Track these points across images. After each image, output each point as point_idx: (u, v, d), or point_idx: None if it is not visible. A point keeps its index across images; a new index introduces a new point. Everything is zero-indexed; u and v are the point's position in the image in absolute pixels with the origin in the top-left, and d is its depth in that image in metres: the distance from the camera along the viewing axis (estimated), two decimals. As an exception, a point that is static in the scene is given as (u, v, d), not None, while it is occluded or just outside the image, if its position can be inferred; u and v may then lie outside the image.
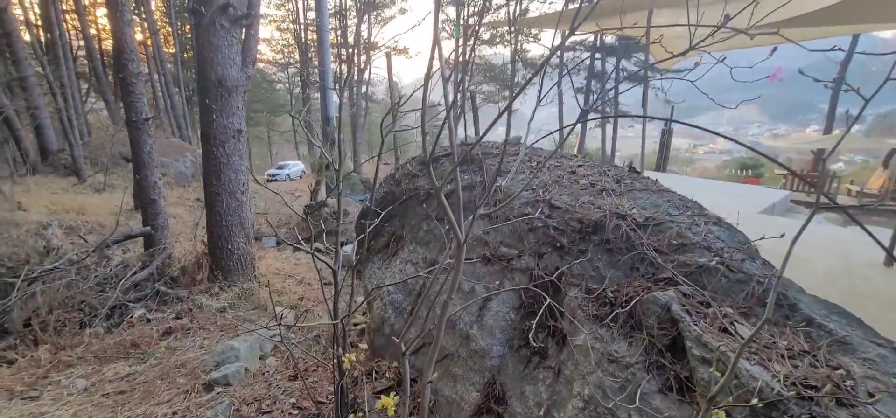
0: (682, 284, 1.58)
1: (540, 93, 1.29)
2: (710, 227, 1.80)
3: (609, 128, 21.21)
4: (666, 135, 9.52)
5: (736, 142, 1.19)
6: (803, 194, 9.91)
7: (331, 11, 20.38)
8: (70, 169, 9.17)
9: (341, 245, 5.67)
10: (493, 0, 20.47)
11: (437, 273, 1.33)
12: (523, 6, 19.87)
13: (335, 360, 1.81)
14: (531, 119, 1.40)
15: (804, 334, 1.35)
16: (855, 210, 8.29)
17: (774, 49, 1.20)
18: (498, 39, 22.77)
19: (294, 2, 22.91)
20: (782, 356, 1.28)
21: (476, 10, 22.68)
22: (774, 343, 1.32)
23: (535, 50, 22.46)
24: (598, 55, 19.95)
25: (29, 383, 2.34)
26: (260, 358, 2.73)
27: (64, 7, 14.11)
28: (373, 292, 2.61)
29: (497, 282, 2.10)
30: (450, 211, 1.13)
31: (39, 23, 13.72)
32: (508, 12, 22.99)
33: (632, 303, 1.59)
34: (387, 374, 2.31)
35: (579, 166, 2.53)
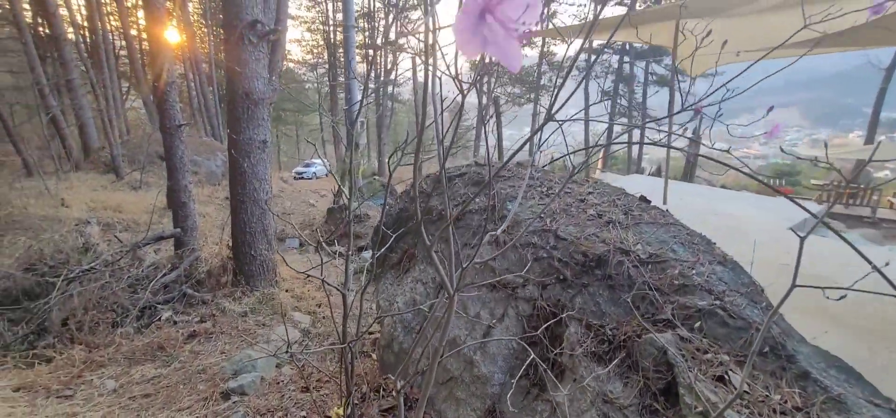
0: (681, 327, 1.59)
1: (546, 94, 1.33)
2: (714, 267, 1.79)
3: (635, 133, 20.79)
4: (693, 144, 9.28)
5: (738, 169, 1.20)
6: (841, 207, 9.47)
7: (358, 13, 20.70)
8: (109, 166, 9.66)
9: (360, 249, 5.77)
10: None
11: (430, 319, 1.39)
12: (550, 9, 19.66)
13: (341, 384, 1.89)
14: (541, 129, 1.43)
15: (799, 389, 1.35)
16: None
17: (771, 108, 1.21)
18: (524, 42, 22.58)
19: (324, 3, 23.36)
20: (774, 410, 1.28)
21: (503, 11, 22.61)
22: (768, 396, 1.33)
23: (562, 51, 22.19)
24: (626, 58, 19.58)
25: (64, 382, 2.52)
26: (276, 366, 2.85)
27: (107, 9, 14.84)
28: (379, 317, 2.69)
29: (501, 310, 2.15)
30: (438, 264, 1.19)
31: (86, 24, 14.46)
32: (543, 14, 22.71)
33: (629, 343, 1.61)
34: (394, 393, 2.38)
35: (589, 193, 2.54)
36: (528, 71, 22.88)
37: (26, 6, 12.10)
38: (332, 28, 22.85)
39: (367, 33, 22.63)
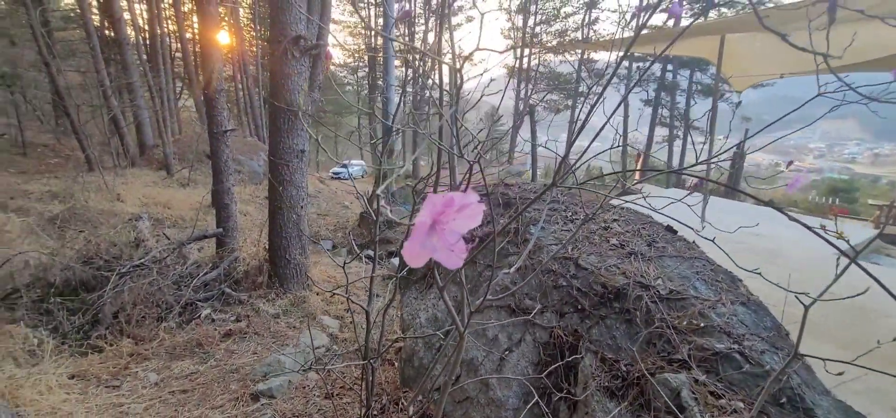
0: (696, 369, 1.58)
1: (581, 97, 1.36)
2: (735, 308, 1.76)
3: (677, 141, 20.12)
4: (737, 157, 8.91)
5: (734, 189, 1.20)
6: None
7: (400, 18, 21.06)
8: (161, 163, 10.28)
9: (390, 255, 5.88)
10: (562, 9, 20.12)
11: (444, 347, 1.45)
12: (592, 16, 19.36)
13: (362, 397, 1.98)
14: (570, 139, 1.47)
15: (815, 445, 1.32)
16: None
17: (791, 162, 1.20)
18: (563, 48, 22.37)
19: (366, 9, 23.94)
20: (786, 467, 1.26)
21: (543, 18, 22.44)
22: (780, 451, 1.30)
23: (603, 58, 21.82)
24: (669, 66, 19.00)
25: (112, 373, 2.75)
26: (303, 371, 2.99)
27: (166, 13, 15.80)
28: (396, 339, 2.77)
29: (519, 335, 2.18)
30: (449, 303, 1.24)
31: (146, 28, 15.46)
32: (583, 25, 22.46)
33: (643, 381, 1.61)
34: (413, 407, 2.45)
35: (614, 221, 2.53)
36: (566, 77, 22.59)
37: (95, 12, 13.09)
38: (373, 33, 23.38)
39: (406, 37, 23.01)
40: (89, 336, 3.16)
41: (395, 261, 6.30)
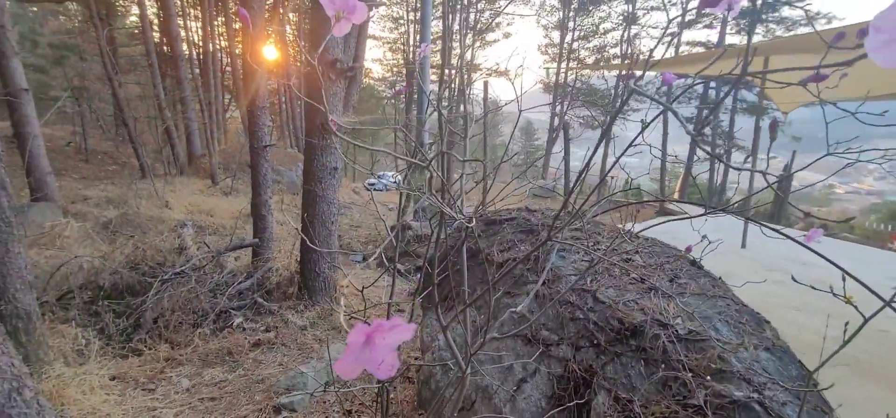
0: (712, 417, 1.52)
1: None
2: (758, 353, 1.69)
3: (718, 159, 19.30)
4: (784, 179, 8.49)
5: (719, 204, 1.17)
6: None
7: (436, 35, 21.42)
8: (207, 172, 10.85)
9: (418, 269, 5.96)
10: (601, 25, 19.89)
11: (452, 381, 1.47)
12: (632, 32, 19.02)
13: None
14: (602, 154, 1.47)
15: None
16: None
17: (807, 214, 1.16)
18: (602, 63, 22.07)
19: (406, 25, 24.55)
20: None
21: (580, 34, 22.25)
22: None
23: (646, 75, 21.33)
24: (712, 83, 18.33)
25: (149, 376, 2.92)
26: (325, 387, 3.07)
27: (219, 31, 16.76)
28: (409, 365, 2.80)
29: (533, 367, 2.17)
30: (454, 345, 1.27)
31: (199, 44, 16.47)
32: (622, 43, 22.10)
33: (656, 426, 1.57)
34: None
35: (637, 252, 2.48)
36: (603, 93, 22.22)
37: (156, 30, 14.07)
38: (411, 49, 23.90)
39: (443, 54, 23.37)
40: (131, 339, 3.38)
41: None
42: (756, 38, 18.08)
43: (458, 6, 21.91)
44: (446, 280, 3.21)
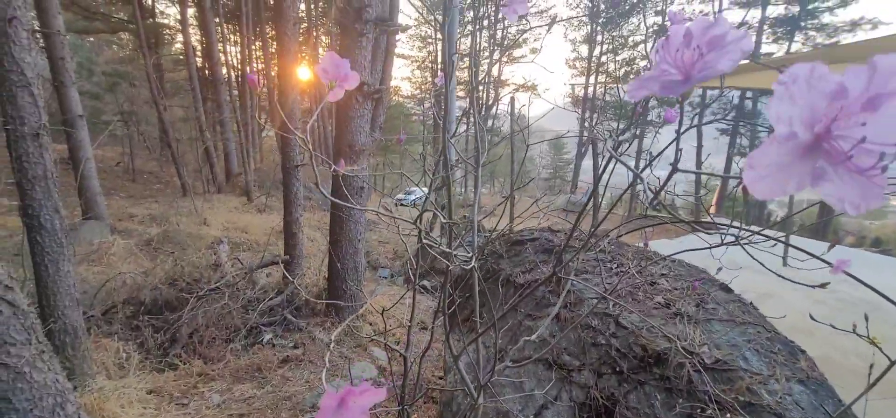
0: (740, 454, 1.46)
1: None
2: (791, 385, 1.61)
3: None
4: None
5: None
6: None
7: (465, 52, 21.64)
8: (243, 190, 11.28)
9: (443, 286, 5.90)
10: (630, 38, 19.60)
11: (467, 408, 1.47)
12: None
13: (392, 441, 2.03)
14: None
15: None
16: None
17: (835, 243, 1.11)
18: (632, 76, 21.68)
19: (434, 44, 24.96)
20: None
21: (610, 47, 21.98)
22: None
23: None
24: (748, 93, 17.68)
25: (183, 391, 3.04)
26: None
27: (256, 54, 17.54)
28: (427, 389, 2.79)
29: (555, 391, 2.13)
30: (464, 372, 1.27)
31: (237, 67, 17.28)
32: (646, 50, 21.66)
33: (680, 460, 1.52)
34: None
35: (663, 276, 2.41)
36: (630, 104, 21.79)
37: (198, 56, 14.88)
38: (439, 68, 24.28)
39: (471, 70, 23.59)
40: (168, 353, 3.53)
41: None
42: (795, 47, 17.36)
43: (486, 23, 22.11)
44: (469, 300, 3.21)
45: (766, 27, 17.16)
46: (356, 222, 4.75)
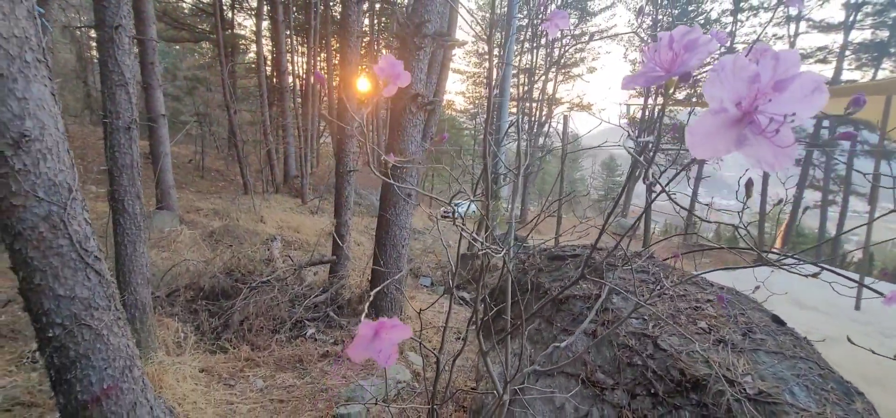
0: (778, 494, 1.38)
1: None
2: (843, 431, 1.50)
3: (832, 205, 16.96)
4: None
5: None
6: None
7: (522, 69, 21.67)
8: (298, 192, 11.87)
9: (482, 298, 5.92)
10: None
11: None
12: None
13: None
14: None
15: None
16: None
17: (888, 296, 1.04)
18: (695, 98, 20.74)
19: (489, 60, 25.21)
20: None
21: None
22: None
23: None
24: (825, 121, 16.34)
25: (230, 373, 3.25)
26: (379, 403, 3.19)
27: (320, 66, 18.50)
28: (458, 392, 2.81)
29: (586, 408, 2.09)
30: (491, 368, 1.30)
31: (302, 76, 18.29)
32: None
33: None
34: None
35: (708, 301, 2.31)
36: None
37: (268, 64, 15.92)
38: (493, 84, 24.47)
39: (525, 87, 23.55)
40: (220, 337, 3.79)
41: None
42: (882, 73, 15.92)
43: (544, 41, 22.05)
44: (505, 309, 3.21)
45: (848, 52, 15.86)
46: (401, 227, 4.89)
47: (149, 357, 3.02)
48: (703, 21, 20.03)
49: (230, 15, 17.49)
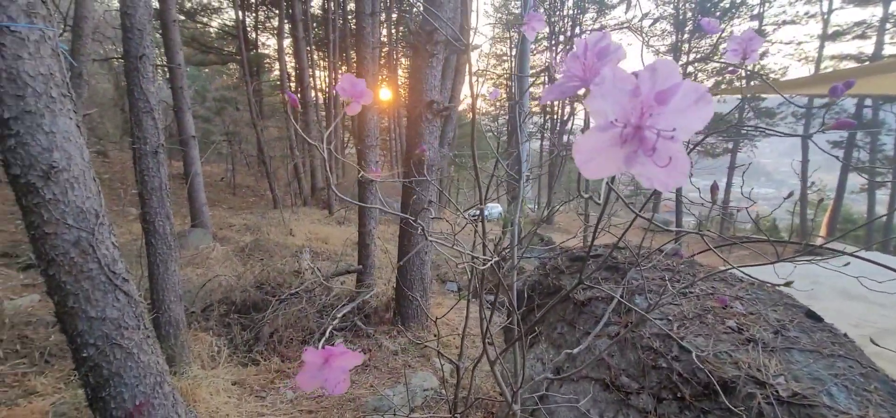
0: (816, 501, 1.30)
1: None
2: (887, 433, 1.40)
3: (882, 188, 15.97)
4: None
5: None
6: None
7: (538, 68, 21.49)
8: (325, 203, 12.11)
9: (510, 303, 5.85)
10: (721, 46, 18.12)
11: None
12: (758, 49, 16.98)
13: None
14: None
15: None
16: None
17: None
18: (723, 85, 20.01)
19: (509, 61, 25.09)
20: None
21: (698, 56, 20.53)
22: None
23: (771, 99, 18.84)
24: (867, 101, 15.43)
25: (262, 385, 3.34)
26: (410, 410, 3.20)
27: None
28: (478, 399, 2.78)
29: (611, 414, 2.04)
30: (501, 380, 1.29)
31: (325, 90, 18.68)
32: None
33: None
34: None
35: (737, 299, 2.22)
36: (726, 118, 20.05)
37: (292, 81, 16.34)
38: (514, 84, 24.34)
39: (546, 84, 23.29)
40: (252, 350, 3.89)
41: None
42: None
43: (562, 38, 21.82)
44: (528, 317, 3.17)
45: (890, 25, 14.94)
46: (423, 235, 4.91)
47: (184, 371, 3.14)
48: (727, 4, 19.34)
49: (254, 36, 18.07)
